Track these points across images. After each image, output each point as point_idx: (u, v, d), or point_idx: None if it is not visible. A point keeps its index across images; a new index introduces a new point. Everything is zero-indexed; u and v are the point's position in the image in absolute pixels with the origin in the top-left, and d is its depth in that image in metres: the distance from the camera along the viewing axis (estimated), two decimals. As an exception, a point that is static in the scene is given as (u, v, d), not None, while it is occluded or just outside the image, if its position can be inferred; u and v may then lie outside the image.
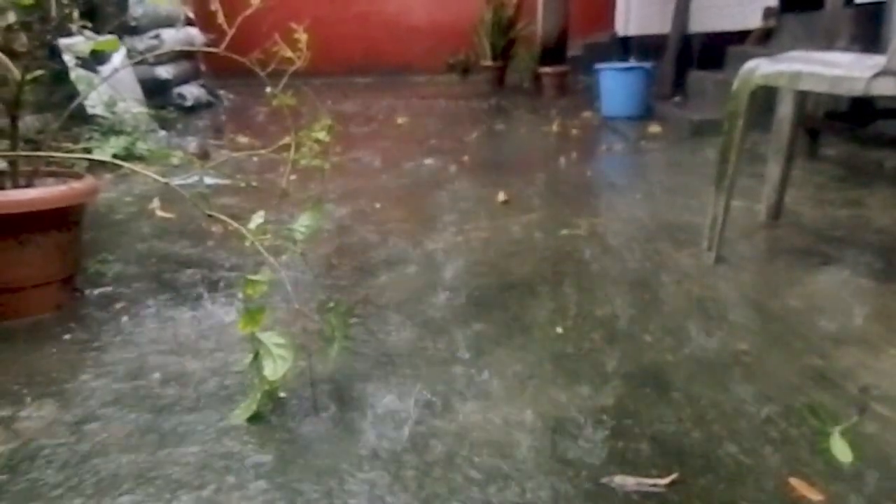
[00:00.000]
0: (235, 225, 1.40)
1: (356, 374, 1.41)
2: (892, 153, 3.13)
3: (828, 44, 3.07)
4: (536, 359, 1.47)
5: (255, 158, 3.45)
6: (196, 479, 1.09)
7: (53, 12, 2.01)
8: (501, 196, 2.83)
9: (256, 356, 1.26)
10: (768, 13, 4.65)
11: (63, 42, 3.85)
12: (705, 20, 5.45)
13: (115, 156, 3.20)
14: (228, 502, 1.04)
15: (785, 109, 2.23)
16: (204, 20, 6.23)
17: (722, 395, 1.31)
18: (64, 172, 1.91)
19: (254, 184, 3.07)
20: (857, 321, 1.62)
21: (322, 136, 1.57)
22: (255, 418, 1.24)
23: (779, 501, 1.02)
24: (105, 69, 4.09)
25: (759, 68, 1.87)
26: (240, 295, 1.79)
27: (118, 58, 4.36)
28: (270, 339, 1.26)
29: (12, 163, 1.72)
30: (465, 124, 5.05)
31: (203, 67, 6.54)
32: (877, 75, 1.58)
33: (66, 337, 1.61)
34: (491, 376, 1.40)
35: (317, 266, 2.06)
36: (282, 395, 1.31)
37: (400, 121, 5.18)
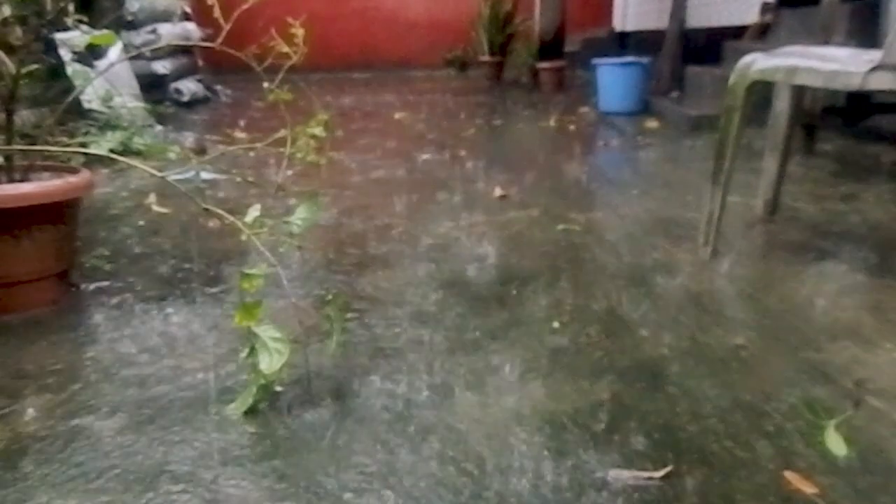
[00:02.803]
0: (231, 219, 1.40)
1: (352, 368, 1.41)
2: (889, 148, 3.14)
3: (825, 39, 3.07)
4: (533, 353, 1.47)
5: (251, 154, 3.45)
6: (192, 472, 1.09)
7: (49, 6, 2.00)
8: (498, 191, 2.83)
9: (252, 350, 1.26)
10: (765, 8, 4.66)
11: (59, 36, 3.84)
12: (703, 15, 5.45)
13: (111, 150, 3.19)
14: (224, 496, 1.04)
15: (782, 104, 2.23)
16: (201, 15, 6.21)
17: (717, 388, 1.31)
18: (60, 167, 1.91)
19: (250, 179, 3.07)
20: (852, 315, 1.62)
21: (318, 131, 1.57)
22: (251, 412, 1.24)
23: (773, 494, 1.02)
24: (101, 64, 4.08)
25: (756, 63, 1.87)
26: (236, 289, 1.79)
27: (114, 52, 4.34)
28: (266, 332, 1.25)
29: (8, 157, 1.72)
30: (462, 119, 5.04)
31: (200, 62, 6.52)
32: (873, 70, 1.59)
33: (62, 332, 1.61)
34: (487, 370, 1.40)
35: (313, 260, 2.06)
36: (278, 388, 1.31)
37: (397, 116, 5.17)
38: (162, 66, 5.42)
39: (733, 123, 1.92)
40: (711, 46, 4.84)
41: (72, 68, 3.80)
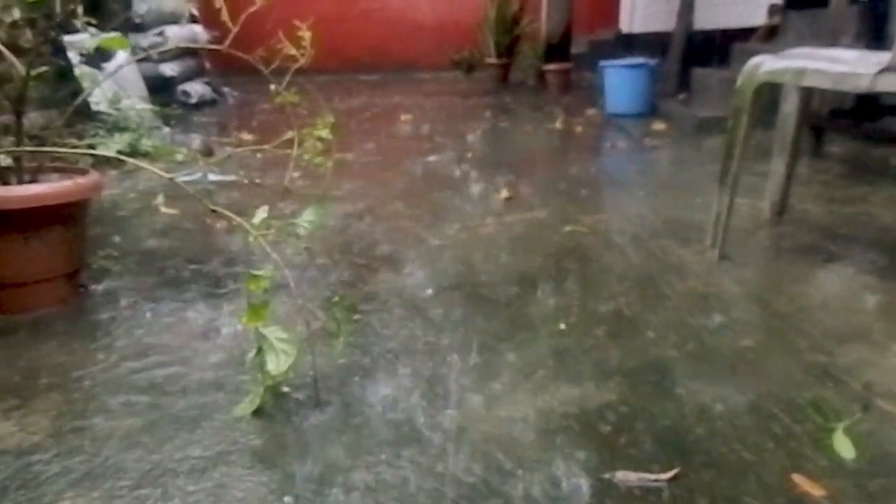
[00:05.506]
0: (239, 220, 1.41)
1: (359, 370, 1.41)
2: (898, 150, 3.12)
3: (833, 40, 3.06)
4: (539, 355, 1.47)
5: (258, 155, 3.46)
6: (200, 472, 1.10)
7: (58, 9, 2.01)
8: (505, 193, 2.83)
9: (260, 351, 1.26)
10: (773, 10, 4.64)
11: (67, 38, 3.86)
12: (710, 17, 5.44)
13: (119, 152, 3.20)
14: (231, 496, 1.05)
15: (789, 106, 2.23)
16: (208, 17, 6.23)
17: (725, 390, 1.30)
18: (68, 168, 1.92)
19: (257, 181, 3.08)
20: (861, 318, 1.62)
21: (325, 133, 1.57)
22: (258, 412, 1.25)
23: (781, 497, 1.02)
24: (109, 66, 4.10)
25: (764, 65, 1.86)
26: (243, 290, 1.79)
27: (122, 55, 4.36)
28: (273, 333, 1.26)
29: (17, 159, 1.73)
30: (468, 121, 5.05)
31: (207, 64, 6.54)
32: (881, 72, 1.58)
33: (71, 332, 1.62)
34: (494, 372, 1.40)
35: (320, 261, 2.06)
36: (285, 389, 1.32)
37: (404, 118, 5.18)
38: (169, 69, 5.44)
39: (741, 125, 1.91)
40: (719, 48, 4.83)
41: (80, 70, 3.82)
